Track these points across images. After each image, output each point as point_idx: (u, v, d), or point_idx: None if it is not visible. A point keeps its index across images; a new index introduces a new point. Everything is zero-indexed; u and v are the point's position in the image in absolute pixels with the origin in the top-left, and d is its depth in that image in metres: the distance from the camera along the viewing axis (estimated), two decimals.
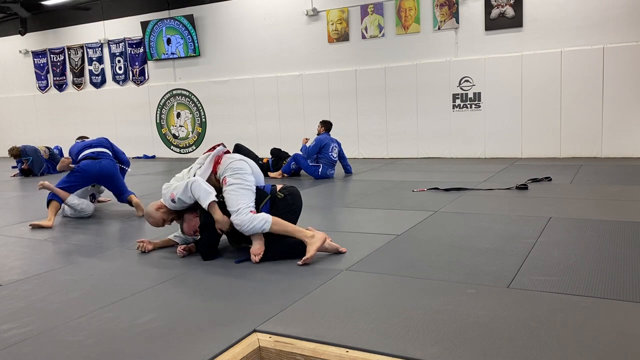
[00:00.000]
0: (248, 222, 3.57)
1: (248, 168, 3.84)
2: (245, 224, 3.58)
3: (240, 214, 3.59)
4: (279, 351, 2.39)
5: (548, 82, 8.74)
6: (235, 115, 11.63)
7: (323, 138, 7.79)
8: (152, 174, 9.47)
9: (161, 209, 3.94)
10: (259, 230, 3.60)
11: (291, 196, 3.88)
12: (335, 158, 7.83)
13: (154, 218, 3.98)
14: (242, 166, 3.81)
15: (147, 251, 4.07)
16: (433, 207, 5.20)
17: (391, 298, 2.87)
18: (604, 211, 4.78)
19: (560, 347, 2.20)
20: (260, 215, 3.62)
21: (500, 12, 9.00)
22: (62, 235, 4.95)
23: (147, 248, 4.08)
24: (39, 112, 14.25)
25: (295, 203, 3.89)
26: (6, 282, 3.52)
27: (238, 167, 3.79)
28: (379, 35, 9.99)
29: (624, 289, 2.83)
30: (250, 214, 3.60)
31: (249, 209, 3.62)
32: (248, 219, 3.57)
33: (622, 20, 8.24)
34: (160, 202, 3.97)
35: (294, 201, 3.88)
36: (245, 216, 3.58)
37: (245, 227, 3.59)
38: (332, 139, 7.87)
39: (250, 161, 3.95)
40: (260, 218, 3.60)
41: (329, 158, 7.71)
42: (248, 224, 3.57)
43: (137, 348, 2.41)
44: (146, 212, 4.07)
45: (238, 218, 3.60)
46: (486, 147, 9.34)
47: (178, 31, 11.89)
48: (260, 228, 3.59)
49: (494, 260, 3.42)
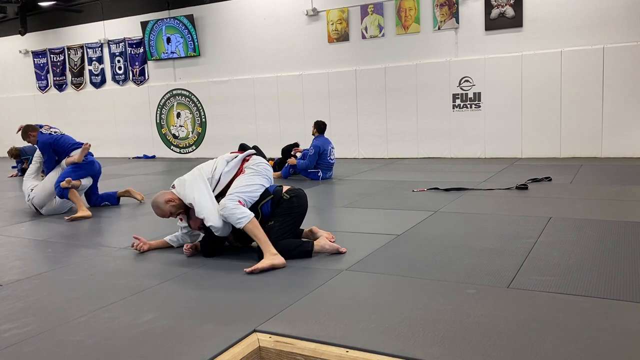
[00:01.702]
0: (230, 207, 3.57)
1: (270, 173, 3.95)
2: (228, 208, 3.58)
3: (228, 198, 3.63)
4: (279, 351, 2.39)
5: (548, 82, 8.74)
6: (235, 115, 11.63)
7: (320, 144, 7.51)
8: (152, 174, 9.47)
9: (171, 202, 3.81)
10: (235, 221, 3.57)
11: (297, 198, 3.87)
12: (333, 160, 7.72)
13: (162, 210, 3.84)
14: (265, 168, 3.91)
15: (142, 251, 4.06)
16: (433, 207, 5.20)
17: (391, 298, 2.87)
18: (604, 211, 4.78)
19: (560, 347, 2.20)
20: (245, 210, 3.61)
21: (500, 12, 9.00)
22: (62, 235, 4.94)
23: (143, 248, 4.06)
24: (39, 112, 14.25)
25: (300, 205, 3.88)
26: (6, 282, 3.52)
27: (262, 167, 3.89)
28: (379, 35, 9.99)
29: (624, 289, 2.83)
30: (237, 203, 3.61)
31: (239, 199, 3.64)
32: (232, 205, 3.59)
33: (622, 20, 8.24)
34: (170, 194, 3.84)
35: (299, 203, 3.87)
36: (230, 202, 3.60)
37: (226, 211, 3.59)
38: (327, 142, 7.69)
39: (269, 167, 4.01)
40: (243, 211, 3.59)
41: (327, 163, 7.60)
42: (230, 208, 3.57)
43: (137, 348, 2.41)
44: (155, 202, 3.87)
45: (224, 201, 3.63)
46: (486, 147, 9.34)
47: (178, 30, 11.89)
48: (238, 219, 3.56)
49: (494, 260, 3.42)
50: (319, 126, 7.75)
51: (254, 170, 3.86)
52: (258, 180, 3.81)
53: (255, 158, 3.96)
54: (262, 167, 3.90)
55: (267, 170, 3.92)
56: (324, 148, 7.53)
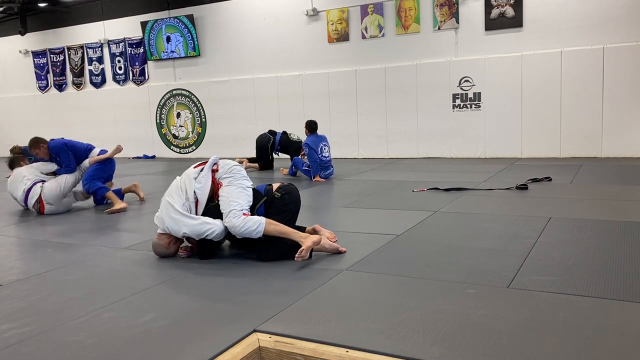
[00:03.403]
0: (241, 225, 3.51)
1: (244, 172, 3.87)
2: (238, 227, 3.51)
3: (232, 217, 3.54)
4: (279, 351, 2.39)
5: (548, 82, 8.74)
6: (235, 115, 11.63)
7: (310, 142, 7.46)
8: (152, 174, 9.47)
9: (170, 243, 3.80)
10: (254, 234, 3.51)
11: (288, 195, 3.85)
12: (327, 157, 7.60)
13: (169, 252, 3.85)
14: (239, 170, 3.82)
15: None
16: (433, 207, 5.20)
17: (391, 298, 2.87)
18: (604, 211, 4.77)
19: (560, 347, 2.20)
20: (254, 217, 3.57)
21: (500, 12, 9.00)
22: (62, 235, 4.94)
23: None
24: (39, 112, 14.25)
25: (293, 201, 3.87)
26: (6, 282, 3.52)
27: (236, 170, 3.81)
28: (379, 35, 9.99)
29: (624, 289, 2.83)
30: (243, 216, 3.54)
31: (241, 212, 3.56)
32: (241, 221, 3.51)
33: (622, 20, 8.24)
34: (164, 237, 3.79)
35: (291, 199, 3.86)
36: (237, 219, 3.52)
37: (238, 230, 3.52)
38: (319, 139, 7.60)
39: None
40: (254, 220, 3.53)
41: (320, 161, 7.48)
42: (241, 226, 3.51)
43: (137, 348, 2.41)
44: (158, 253, 3.87)
45: (229, 221, 3.55)
46: (486, 147, 9.33)
47: (178, 29, 11.89)
48: (254, 230, 3.50)
49: (494, 260, 3.42)
50: (309, 126, 7.77)
51: (231, 177, 3.77)
52: (243, 183, 3.75)
53: (224, 165, 3.86)
54: (235, 170, 3.82)
55: (240, 171, 3.85)
56: (314, 145, 7.46)
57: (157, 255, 3.90)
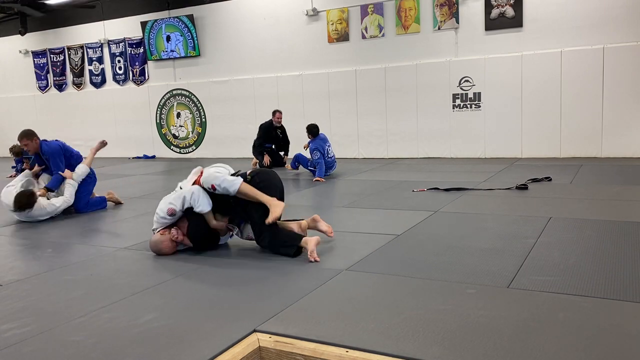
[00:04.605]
0: (222, 178, 3.80)
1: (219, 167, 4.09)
2: (219, 178, 3.80)
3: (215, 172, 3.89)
4: (279, 351, 2.39)
5: (548, 82, 8.73)
6: (235, 115, 11.63)
7: (317, 146, 7.70)
8: (152, 174, 9.47)
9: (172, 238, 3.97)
10: (230, 189, 3.76)
11: (259, 176, 3.98)
12: (332, 157, 7.90)
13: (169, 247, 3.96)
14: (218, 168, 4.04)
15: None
16: (433, 207, 5.20)
17: (391, 298, 2.87)
18: (604, 211, 4.78)
19: (560, 347, 2.20)
20: (231, 177, 3.85)
21: (500, 12, 9.00)
22: (62, 235, 4.95)
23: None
24: (39, 112, 14.24)
25: (265, 180, 3.97)
26: (6, 282, 3.52)
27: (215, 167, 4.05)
28: (379, 35, 9.99)
29: (624, 289, 2.83)
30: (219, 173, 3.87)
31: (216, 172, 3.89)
32: (222, 176, 3.82)
33: (622, 20, 8.24)
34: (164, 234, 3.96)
35: (263, 179, 3.96)
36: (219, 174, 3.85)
37: (220, 181, 3.79)
38: (323, 141, 7.83)
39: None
40: (233, 178, 3.83)
41: (326, 161, 7.76)
42: (222, 179, 3.79)
43: (137, 348, 2.41)
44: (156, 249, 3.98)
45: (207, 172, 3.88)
46: (486, 147, 9.33)
47: (178, 28, 11.88)
48: (231, 183, 3.77)
49: (494, 260, 3.42)
50: (311, 130, 7.92)
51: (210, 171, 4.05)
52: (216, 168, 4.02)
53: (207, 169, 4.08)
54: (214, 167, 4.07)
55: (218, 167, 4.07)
56: (322, 149, 7.70)
57: (156, 252, 3.99)
